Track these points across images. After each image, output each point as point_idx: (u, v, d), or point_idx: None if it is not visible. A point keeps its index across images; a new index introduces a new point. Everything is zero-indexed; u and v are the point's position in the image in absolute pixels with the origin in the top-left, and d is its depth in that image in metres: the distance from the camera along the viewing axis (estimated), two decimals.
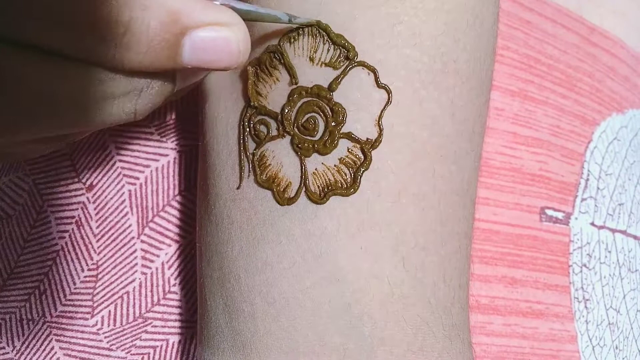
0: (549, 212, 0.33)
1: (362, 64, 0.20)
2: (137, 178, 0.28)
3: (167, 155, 0.29)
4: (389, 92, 0.20)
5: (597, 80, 0.38)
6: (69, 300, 0.28)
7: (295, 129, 0.21)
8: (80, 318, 0.27)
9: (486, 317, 0.30)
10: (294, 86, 0.21)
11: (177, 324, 0.27)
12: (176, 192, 0.28)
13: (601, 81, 0.38)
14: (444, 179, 0.21)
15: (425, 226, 0.21)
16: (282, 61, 0.21)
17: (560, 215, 0.33)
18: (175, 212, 0.28)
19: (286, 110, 0.21)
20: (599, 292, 0.34)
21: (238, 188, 0.22)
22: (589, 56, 0.38)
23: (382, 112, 0.20)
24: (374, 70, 0.20)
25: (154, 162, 0.28)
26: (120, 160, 0.28)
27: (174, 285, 0.28)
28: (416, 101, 0.21)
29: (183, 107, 0.29)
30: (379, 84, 0.20)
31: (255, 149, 0.21)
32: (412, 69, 0.21)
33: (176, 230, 0.28)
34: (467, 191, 0.22)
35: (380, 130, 0.20)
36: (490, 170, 0.31)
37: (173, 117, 0.29)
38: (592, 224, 0.34)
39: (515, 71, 0.34)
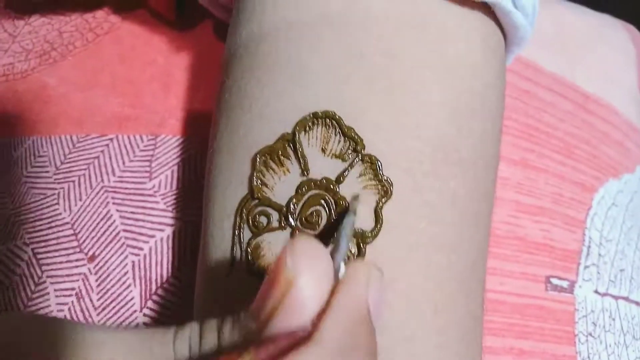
0: (554, 280, 0.33)
1: (367, 157, 0.21)
2: (142, 248, 0.28)
3: (172, 225, 0.28)
4: (389, 185, 0.20)
5: (593, 147, 0.39)
6: None
7: (298, 223, 0.21)
8: None
9: None
10: (304, 178, 0.21)
11: None
12: (182, 263, 0.28)
13: (597, 147, 0.39)
14: (440, 268, 0.21)
15: (412, 319, 0.20)
16: (296, 151, 0.21)
17: (565, 284, 0.33)
18: (180, 284, 0.27)
19: (292, 203, 0.21)
20: None
21: (227, 276, 0.21)
22: (585, 123, 0.39)
23: (380, 204, 0.20)
24: (376, 163, 0.20)
25: (159, 232, 0.28)
26: (125, 230, 0.28)
27: None
28: (416, 192, 0.21)
29: (190, 177, 0.29)
30: (380, 177, 0.20)
31: (251, 239, 0.21)
32: (414, 160, 0.21)
33: (180, 303, 0.27)
34: (470, 276, 0.22)
35: (377, 224, 0.20)
36: (495, 239, 0.31)
37: (179, 186, 0.29)
38: (596, 291, 0.34)
39: (517, 140, 0.34)
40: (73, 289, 0.27)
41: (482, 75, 0.23)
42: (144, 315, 0.27)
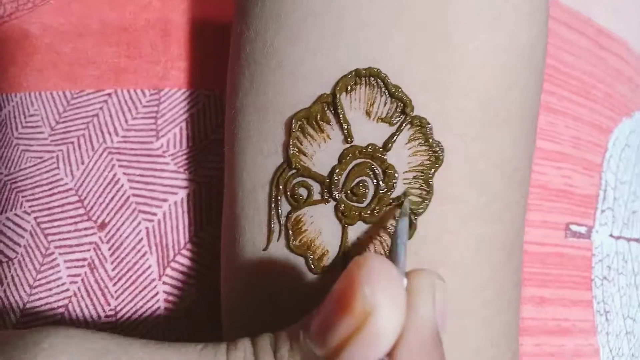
0: (573, 227, 0.32)
1: (417, 120, 0.19)
2: (155, 214, 0.26)
3: (186, 187, 0.26)
4: (440, 151, 0.19)
5: (608, 86, 0.38)
6: None
7: (343, 195, 0.19)
8: None
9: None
10: (348, 145, 0.19)
11: None
12: (198, 227, 0.26)
13: (612, 86, 0.38)
14: (488, 239, 0.20)
15: (463, 293, 0.20)
16: (337, 115, 0.19)
17: (583, 229, 0.33)
18: (199, 250, 0.26)
19: (336, 173, 0.19)
20: (618, 302, 0.34)
21: (265, 250, 0.20)
22: (600, 60, 0.38)
23: (431, 173, 0.19)
24: (426, 127, 0.19)
25: (171, 196, 0.26)
26: (135, 195, 0.26)
27: (200, 330, 0.26)
28: (466, 158, 0.19)
29: (200, 134, 0.27)
30: (430, 143, 0.19)
31: (290, 212, 0.19)
32: (465, 123, 0.19)
33: (201, 269, 0.26)
34: (515, 244, 0.21)
35: (429, 193, 0.19)
36: None
37: (190, 144, 0.27)
38: (611, 235, 0.34)
39: None
40: (85, 259, 0.26)
41: (532, 23, 0.21)
42: (164, 283, 0.26)
